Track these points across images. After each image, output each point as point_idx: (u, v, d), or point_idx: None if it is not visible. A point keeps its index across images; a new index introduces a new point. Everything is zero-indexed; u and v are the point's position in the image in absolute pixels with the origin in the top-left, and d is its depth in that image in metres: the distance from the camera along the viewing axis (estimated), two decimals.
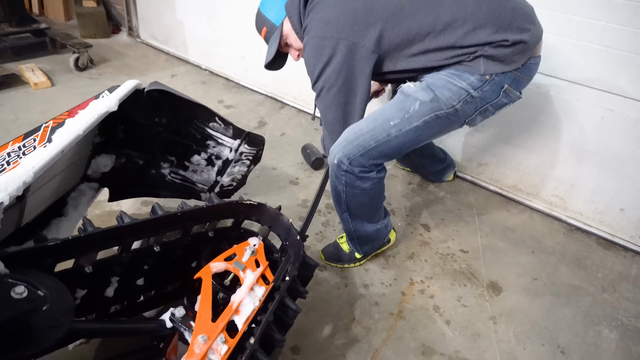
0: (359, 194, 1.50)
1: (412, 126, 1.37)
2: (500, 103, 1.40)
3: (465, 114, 1.39)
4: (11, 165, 0.97)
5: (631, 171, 1.92)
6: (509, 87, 1.36)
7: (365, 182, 1.46)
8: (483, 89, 1.33)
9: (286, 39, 1.55)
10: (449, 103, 1.35)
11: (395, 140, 1.39)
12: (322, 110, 1.49)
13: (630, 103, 1.82)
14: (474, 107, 1.38)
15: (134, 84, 1.41)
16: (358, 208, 1.57)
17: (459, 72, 1.33)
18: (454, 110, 1.36)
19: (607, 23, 1.75)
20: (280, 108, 2.92)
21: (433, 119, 1.37)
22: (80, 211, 1.52)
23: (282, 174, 2.27)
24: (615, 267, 1.93)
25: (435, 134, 1.47)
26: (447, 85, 1.34)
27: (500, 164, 2.27)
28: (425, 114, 1.36)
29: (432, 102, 1.35)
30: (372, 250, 1.76)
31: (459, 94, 1.33)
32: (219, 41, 3.16)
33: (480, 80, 1.32)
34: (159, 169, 1.69)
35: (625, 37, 1.73)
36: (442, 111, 1.36)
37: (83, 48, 3.01)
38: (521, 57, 1.33)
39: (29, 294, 0.73)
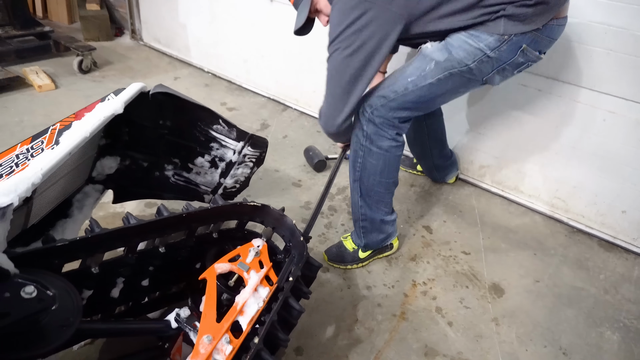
0: (375, 154, 1.54)
1: (426, 82, 1.42)
2: (518, 62, 1.40)
3: (481, 72, 1.41)
4: (20, 167, 0.98)
5: (632, 173, 1.93)
6: (527, 47, 1.36)
7: (383, 140, 1.52)
8: (500, 49, 1.34)
9: (316, 4, 1.53)
10: (463, 62, 1.37)
11: (412, 94, 1.45)
12: (330, 72, 1.46)
13: (631, 105, 1.83)
14: (491, 67, 1.40)
15: (139, 87, 1.42)
16: (370, 176, 1.60)
17: (478, 33, 1.34)
18: (468, 69, 1.39)
19: (607, 26, 1.76)
20: (282, 110, 2.93)
21: (447, 77, 1.41)
22: (85, 213, 1.53)
23: (285, 176, 2.28)
24: (617, 268, 1.94)
25: (451, 90, 1.48)
26: (463, 46, 1.35)
27: (502, 166, 2.28)
28: (439, 72, 1.41)
29: (446, 62, 1.39)
30: (374, 244, 1.76)
31: (474, 54, 1.35)
32: (221, 44, 3.18)
33: (498, 40, 1.33)
34: (163, 171, 1.71)
35: (625, 40, 1.74)
36: (455, 69, 1.39)
37: (87, 51, 3.03)
38: (542, 18, 1.32)
39: (39, 294, 0.74)
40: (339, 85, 1.44)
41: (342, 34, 1.35)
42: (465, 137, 2.33)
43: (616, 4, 1.71)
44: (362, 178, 1.62)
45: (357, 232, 1.75)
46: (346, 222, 2.02)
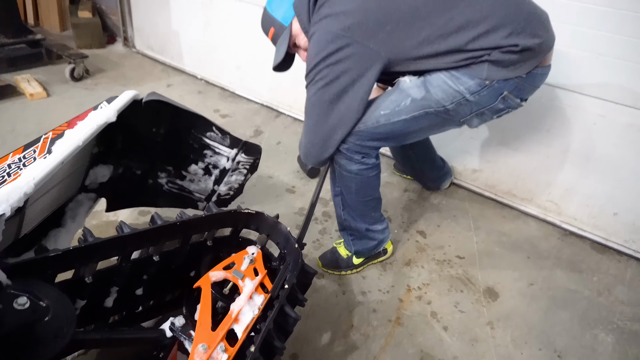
0: (347, 177, 1.53)
1: (400, 118, 1.40)
2: (497, 108, 1.39)
3: (458, 114, 1.39)
4: (12, 177, 0.97)
5: (624, 176, 1.95)
6: (509, 94, 1.34)
7: (350, 165, 1.50)
8: (480, 94, 1.32)
9: (295, 40, 1.51)
10: (440, 103, 1.36)
11: (383, 127, 1.42)
12: (306, 104, 1.45)
13: (621, 109, 1.85)
14: (469, 110, 1.38)
15: (132, 95, 1.42)
16: (348, 194, 1.59)
17: (459, 75, 1.31)
18: (445, 110, 1.37)
19: (597, 31, 1.78)
20: (275, 117, 2.94)
21: (422, 115, 1.39)
22: (78, 222, 1.52)
23: (279, 183, 2.28)
24: (610, 270, 1.96)
25: (425, 128, 1.47)
26: (442, 86, 1.33)
27: (495, 170, 2.30)
28: (415, 109, 1.38)
29: (423, 100, 1.36)
30: (365, 251, 1.76)
31: (452, 96, 1.33)
32: (214, 51, 3.18)
33: (479, 85, 1.31)
34: (157, 179, 1.70)
35: (615, 44, 1.77)
36: (432, 109, 1.37)
37: (79, 58, 3.02)
38: (527, 65, 1.30)
39: (32, 305, 0.73)
40: (313, 118, 1.43)
41: (317, 66, 1.34)
42: (458, 141, 2.35)
43: (606, 9, 1.73)
44: (342, 193, 1.61)
45: (347, 241, 1.75)
46: None
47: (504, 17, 1.26)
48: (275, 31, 1.53)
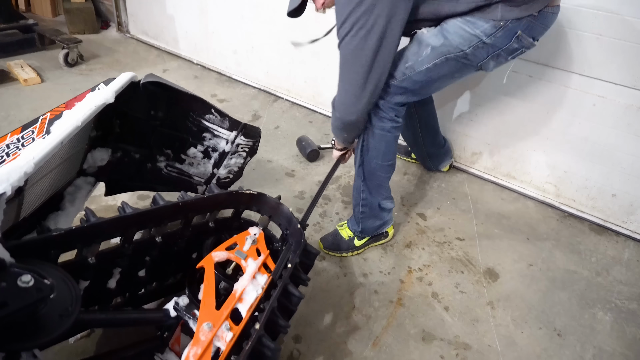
0: (377, 136, 1.56)
1: (423, 67, 1.44)
2: (512, 48, 1.41)
3: (476, 58, 1.42)
4: (11, 157, 0.96)
5: (622, 157, 1.95)
6: (522, 33, 1.37)
7: (384, 121, 1.53)
8: (496, 35, 1.35)
9: None
10: (458, 48, 1.38)
11: (409, 79, 1.46)
12: (344, 57, 1.38)
13: (621, 90, 1.85)
14: (486, 53, 1.41)
15: (130, 76, 1.40)
16: (372, 159, 1.61)
17: (474, 19, 1.34)
18: (464, 55, 1.40)
19: (597, 11, 1.77)
20: (273, 101, 2.92)
21: (443, 62, 1.42)
22: (77, 205, 1.50)
23: (278, 167, 2.27)
24: (608, 251, 1.97)
25: (447, 74, 1.49)
26: (459, 32, 1.36)
27: (494, 153, 2.30)
28: (435, 57, 1.41)
29: (442, 47, 1.39)
30: (371, 230, 1.77)
31: (470, 40, 1.36)
32: (210, 35, 3.14)
33: (494, 27, 1.33)
34: (155, 163, 1.69)
35: (615, 25, 1.75)
36: (451, 54, 1.40)
37: (72, 43, 2.98)
38: (538, 4, 1.33)
39: (36, 283, 0.73)
40: (356, 70, 1.36)
41: (353, 13, 1.28)
42: (458, 124, 2.34)
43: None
44: (364, 162, 1.63)
45: (356, 217, 1.76)
46: (340, 210, 2.02)
47: None
48: None
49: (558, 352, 1.50)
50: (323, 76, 2.73)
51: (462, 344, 1.49)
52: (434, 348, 1.46)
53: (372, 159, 1.61)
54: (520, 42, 1.40)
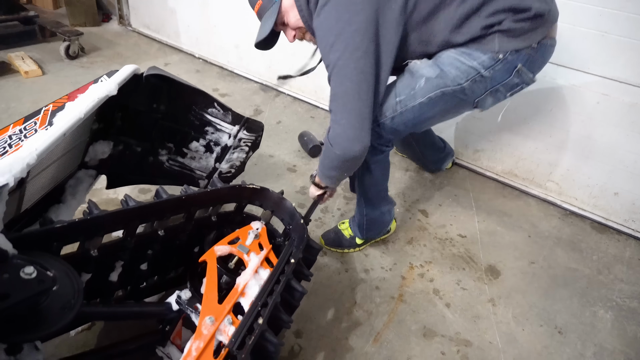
0: (373, 169, 1.53)
1: (416, 102, 1.34)
2: (512, 84, 1.32)
3: (474, 93, 1.32)
4: (13, 148, 0.95)
5: (625, 155, 1.95)
6: (522, 67, 1.28)
7: (377, 154, 1.49)
8: (495, 68, 1.26)
9: (283, 17, 1.41)
10: (455, 81, 1.28)
11: (401, 116, 1.37)
12: (340, 85, 1.26)
13: (625, 88, 1.84)
14: (484, 87, 1.31)
15: (133, 69, 1.39)
16: (371, 187, 1.61)
17: (470, 51, 1.25)
18: (461, 89, 1.30)
19: (602, 8, 1.76)
20: (275, 96, 2.90)
21: (439, 96, 1.32)
22: (78, 198, 1.50)
23: (280, 162, 2.27)
24: (610, 249, 1.97)
25: (441, 112, 1.39)
26: (455, 64, 1.27)
27: (496, 150, 2.29)
28: (430, 90, 1.31)
29: (438, 79, 1.30)
30: (375, 236, 1.78)
31: (467, 73, 1.27)
32: (212, 29, 3.12)
33: (492, 59, 1.25)
34: (157, 156, 1.68)
35: (620, 22, 1.74)
36: (448, 88, 1.30)
37: (74, 36, 2.96)
38: (537, 34, 1.25)
39: (39, 275, 0.72)
40: (357, 97, 1.24)
41: (341, 36, 1.20)
42: (460, 122, 2.33)
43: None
44: (365, 192, 1.63)
45: (360, 230, 1.74)
46: (342, 206, 2.01)
47: None
48: (262, 5, 1.43)
49: (559, 349, 1.50)
50: (325, 71, 2.71)
51: (463, 341, 1.49)
52: (435, 344, 1.46)
53: (370, 187, 1.61)
54: (520, 77, 1.30)
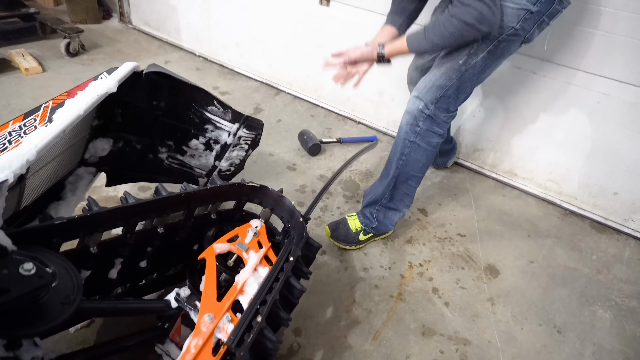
0: (422, 150, 1.56)
1: (479, 58, 1.41)
2: (555, 11, 1.38)
3: (524, 31, 1.38)
4: (13, 144, 0.95)
5: (625, 155, 1.95)
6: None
7: (433, 137, 1.54)
8: (541, 1, 1.32)
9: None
10: (509, 26, 1.35)
11: (467, 74, 1.44)
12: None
13: (625, 87, 1.84)
14: (533, 22, 1.37)
15: (133, 66, 1.39)
16: (409, 172, 1.62)
17: None
18: (514, 31, 1.36)
19: (603, 7, 1.76)
20: (275, 94, 2.90)
21: (496, 45, 1.39)
22: (78, 195, 1.50)
23: (280, 160, 2.26)
24: (609, 249, 1.97)
25: (499, 59, 1.46)
26: (505, 11, 1.32)
27: (496, 149, 2.29)
28: (488, 44, 1.38)
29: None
30: (382, 230, 1.79)
31: (517, 15, 1.33)
32: (213, 27, 3.12)
33: None
34: (157, 154, 1.68)
35: (621, 22, 1.74)
36: (502, 36, 1.36)
37: (74, 33, 2.95)
38: None
39: (38, 270, 0.72)
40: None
41: None
42: (460, 121, 2.33)
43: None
44: (400, 174, 1.63)
45: (369, 215, 1.75)
46: (342, 205, 2.01)
47: None
48: None
49: (557, 348, 1.50)
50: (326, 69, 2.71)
51: (462, 340, 1.49)
52: (434, 343, 1.47)
53: (409, 170, 1.62)
54: (561, 3, 1.37)
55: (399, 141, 1.59)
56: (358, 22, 2.41)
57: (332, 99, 2.77)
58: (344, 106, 2.74)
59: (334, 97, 2.74)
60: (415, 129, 1.53)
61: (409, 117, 1.54)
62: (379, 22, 1.64)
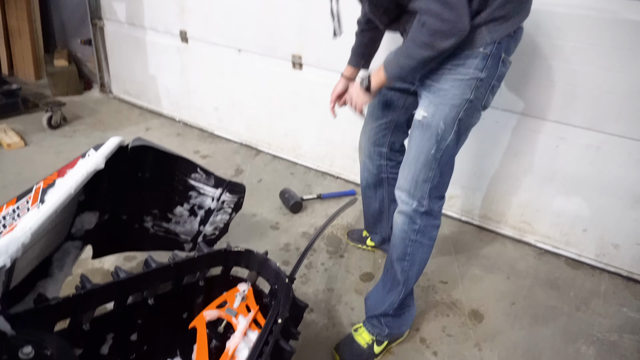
0: (425, 246, 1.52)
1: (448, 141, 1.38)
2: (501, 73, 1.36)
3: (479, 99, 1.35)
4: (7, 228, 0.99)
5: (588, 193, 2.07)
6: (505, 55, 1.32)
7: (433, 230, 1.51)
8: (487, 66, 1.29)
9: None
10: (464, 99, 1.32)
11: (444, 159, 1.41)
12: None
13: (580, 132, 1.99)
14: (485, 89, 1.34)
15: (118, 141, 1.46)
16: (416, 272, 1.56)
17: (462, 61, 1.29)
18: (470, 103, 1.33)
19: (551, 61, 1.94)
20: (255, 155, 3.00)
21: (459, 125, 1.36)
22: (65, 271, 1.51)
23: (263, 220, 2.32)
24: (586, 285, 2.04)
25: (466, 132, 1.44)
26: (455, 84, 1.31)
27: (469, 196, 2.40)
28: (451, 123, 1.35)
29: (451, 110, 1.34)
30: (397, 331, 1.65)
31: (469, 85, 1.30)
32: (192, 93, 3.26)
33: (482, 58, 1.28)
34: (143, 223, 1.72)
35: (567, 73, 1.92)
36: (462, 110, 1.34)
37: (56, 106, 3.04)
38: (521, 17, 1.30)
39: (37, 354, 0.75)
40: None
41: None
42: None
43: (556, 42, 1.90)
44: (409, 279, 1.55)
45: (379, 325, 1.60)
46: (326, 261, 2.06)
47: None
48: None
49: None
50: (302, 128, 2.85)
51: None
52: None
53: (416, 272, 1.56)
54: (505, 65, 1.35)
55: (398, 242, 1.51)
56: (330, 83, 2.52)
57: (310, 156, 2.88)
58: (322, 162, 2.84)
59: (312, 154, 2.85)
60: (413, 227, 1.48)
61: (404, 217, 1.48)
62: None
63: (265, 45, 2.75)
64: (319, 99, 2.62)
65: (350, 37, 1.67)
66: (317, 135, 2.78)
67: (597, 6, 1.79)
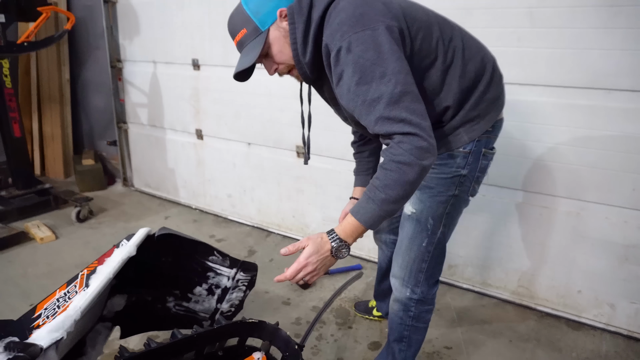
0: (421, 330, 1.61)
1: (438, 234, 1.46)
2: (484, 166, 1.42)
3: (464, 192, 1.42)
4: (61, 308, 1.19)
5: (576, 256, 2.22)
6: (485, 149, 1.39)
7: (428, 314, 1.60)
8: (469, 163, 1.36)
9: (268, 48, 1.29)
10: (449, 195, 1.39)
11: (436, 250, 1.49)
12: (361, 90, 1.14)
13: (559, 200, 2.19)
14: (469, 182, 1.41)
15: (147, 231, 1.70)
16: (415, 352, 1.65)
17: (444, 161, 1.35)
18: (455, 199, 1.41)
19: (523, 139, 2.19)
20: (266, 236, 3.22)
21: (447, 215, 1.43)
22: (97, 350, 1.68)
23: (275, 297, 2.47)
24: (587, 345, 2.12)
25: (455, 221, 1.50)
26: (440, 182, 1.38)
27: (468, 264, 2.55)
28: (439, 218, 1.42)
29: (438, 205, 1.41)
30: None
31: (453, 182, 1.37)
32: (207, 183, 3.56)
33: (463, 157, 1.35)
34: (165, 303, 1.90)
35: (542, 149, 2.17)
36: (448, 205, 1.41)
37: (84, 202, 3.35)
38: (494, 114, 1.36)
39: None
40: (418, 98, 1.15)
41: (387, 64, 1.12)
42: None
43: (518, 124, 2.17)
44: (406, 358, 1.65)
45: None
46: (335, 332, 2.18)
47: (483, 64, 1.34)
48: (246, 34, 1.28)
49: None
50: (308, 209, 3.09)
51: None
52: None
53: (415, 351, 1.66)
54: (487, 158, 1.42)
55: (395, 326, 1.62)
56: (332, 168, 2.84)
57: None
58: None
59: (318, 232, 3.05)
60: (409, 314, 1.57)
61: (399, 305, 1.57)
62: (350, 167, 1.92)
63: (271, 138, 3.09)
64: (322, 182, 2.90)
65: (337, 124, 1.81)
66: (323, 215, 3.01)
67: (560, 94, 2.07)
